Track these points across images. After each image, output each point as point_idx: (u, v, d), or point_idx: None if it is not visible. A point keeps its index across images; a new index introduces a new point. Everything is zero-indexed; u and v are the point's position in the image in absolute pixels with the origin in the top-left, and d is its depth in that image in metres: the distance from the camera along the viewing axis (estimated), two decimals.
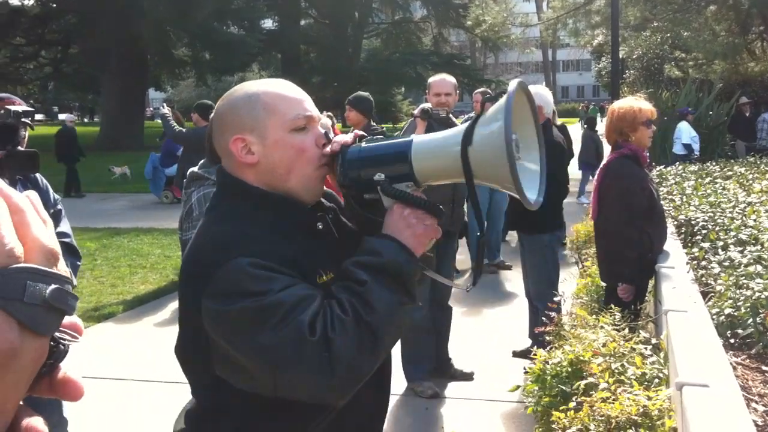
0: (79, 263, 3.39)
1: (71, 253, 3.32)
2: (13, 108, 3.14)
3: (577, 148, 12.67)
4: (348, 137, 1.63)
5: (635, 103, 4.28)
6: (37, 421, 0.54)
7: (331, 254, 1.60)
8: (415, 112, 4.88)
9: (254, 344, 1.43)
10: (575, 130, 17.99)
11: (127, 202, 15.20)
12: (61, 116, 16.36)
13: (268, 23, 40.19)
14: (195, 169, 3.05)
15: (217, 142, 1.67)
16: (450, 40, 46.54)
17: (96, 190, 16.57)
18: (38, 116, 54.00)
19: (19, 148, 3.11)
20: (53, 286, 0.51)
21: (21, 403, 0.54)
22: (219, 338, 1.49)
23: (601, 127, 11.85)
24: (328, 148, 1.61)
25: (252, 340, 1.43)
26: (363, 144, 1.59)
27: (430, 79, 5.15)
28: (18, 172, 3.26)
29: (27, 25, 31.61)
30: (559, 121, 7.37)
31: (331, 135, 1.66)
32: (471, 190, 1.56)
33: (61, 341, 0.55)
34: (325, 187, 1.73)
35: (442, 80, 5.03)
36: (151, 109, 44.44)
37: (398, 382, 5.00)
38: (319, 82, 41.12)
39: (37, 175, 3.44)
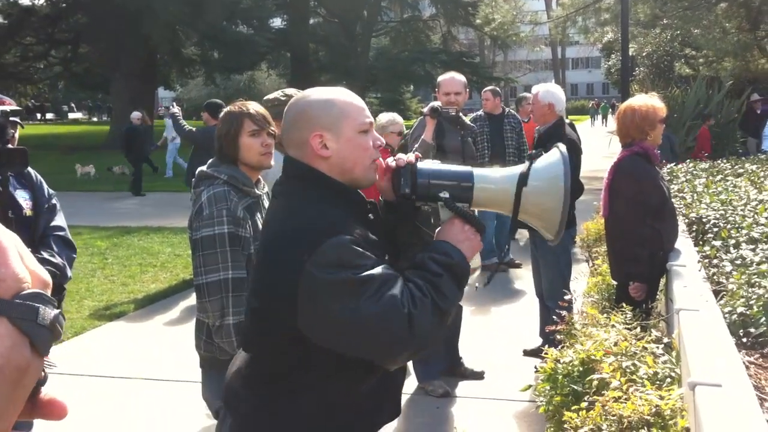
0: (74, 255, 3.44)
1: (67, 246, 3.37)
2: (1, 108, 3.17)
3: (587, 145, 12.60)
4: (411, 157, 1.95)
5: (651, 101, 4.27)
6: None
7: (384, 239, 1.94)
8: (425, 110, 4.87)
9: (353, 310, 1.72)
10: (585, 127, 17.92)
11: (137, 200, 15.23)
12: (134, 114, 16.11)
13: (277, 22, 40.23)
14: (204, 168, 3.05)
15: (292, 136, 1.93)
16: (459, 38, 46.44)
17: (105, 189, 16.62)
18: (48, 115, 54.31)
19: (9, 146, 3.15)
20: (56, 311, 0.55)
21: None
22: (317, 302, 1.74)
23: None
24: (391, 160, 1.95)
25: (349, 307, 1.72)
26: (429, 164, 1.94)
27: (440, 78, 5.14)
28: (9, 169, 3.29)
29: (37, 24, 31.74)
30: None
31: (381, 140, 1.97)
32: (514, 221, 1.95)
33: (44, 367, 0.58)
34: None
35: (452, 79, 5.02)
36: (161, 108, 44.54)
37: (409, 382, 4.99)
38: (328, 81, 41.11)
39: (31, 170, 3.48)
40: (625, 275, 4.26)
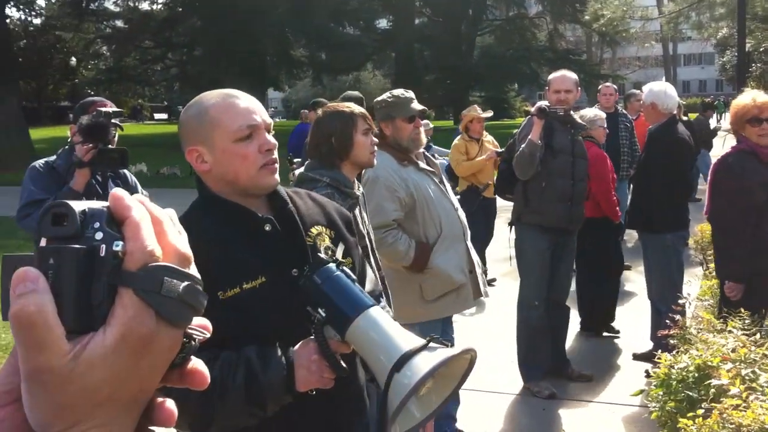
0: None
1: None
2: (104, 109, 3.37)
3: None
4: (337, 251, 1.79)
5: (747, 98, 4.12)
6: (170, 403, 0.62)
7: (272, 256, 1.76)
8: (532, 110, 4.83)
9: None
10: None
11: None
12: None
13: (382, 23, 40.60)
14: (302, 170, 3.10)
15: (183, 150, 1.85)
16: (566, 35, 45.61)
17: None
18: (163, 116, 56.69)
19: (110, 146, 3.35)
20: (186, 283, 0.58)
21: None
22: None
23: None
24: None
25: None
26: (339, 273, 1.58)
27: (550, 76, 5.08)
28: (108, 169, 3.49)
29: (155, 28, 33.20)
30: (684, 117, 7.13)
31: (272, 143, 1.80)
32: (384, 399, 1.49)
33: (193, 337, 0.61)
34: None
35: (563, 77, 4.95)
36: (271, 109, 45.69)
37: (514, 382, 4.98)
38: (433, 80, 41.16)
39: (126, 172, 3.67)
40: (722, 274, 4.13)
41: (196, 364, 0.63)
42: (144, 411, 0.60)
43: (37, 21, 46.81)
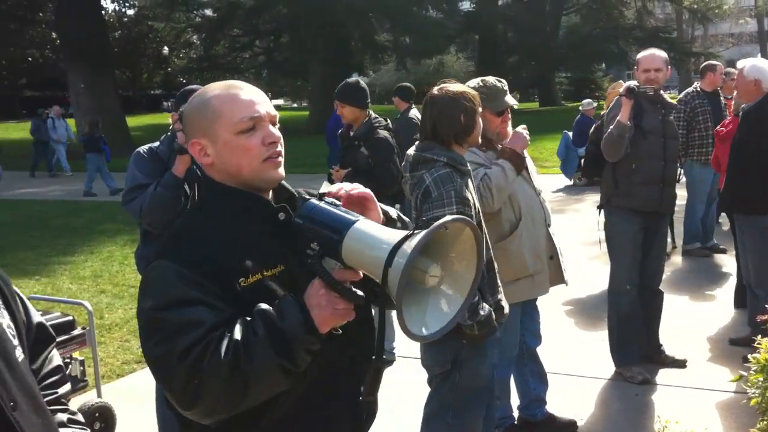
0: None
1: None
2: None
3: None
4: (332, 188, 1.70)
5: None
6: None
7: (289, 244, 1.67)
8: (621, 90, 4.74)
9: (145, 350, 1.62)
10: None
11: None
12: None
13: (465, 5, 40.21)
14: (414, 151, 3.16)
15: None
16: (654, 12, 44.10)
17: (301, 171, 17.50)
18: None
19: None
20: None
21: None
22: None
23: None
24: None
25: (144, 346, 1.61)
26: (320, 203, 1.61)
27: (639, 55, 4.97)
28: None
29: (243, 17, 33.82)
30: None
31: (275, 135, 1.72)
32: (381, 307, 1.58)
33: None
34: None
35: (652, 55, 4.84)
36: None
37: (606, 367, 4.93)
38: (516, 62, 40.59)
39: None
40: None
41: None
42: None
43: (130, 12, 48.59)
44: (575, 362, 5.12)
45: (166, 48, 46.15)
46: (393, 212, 1.84)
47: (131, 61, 47.56)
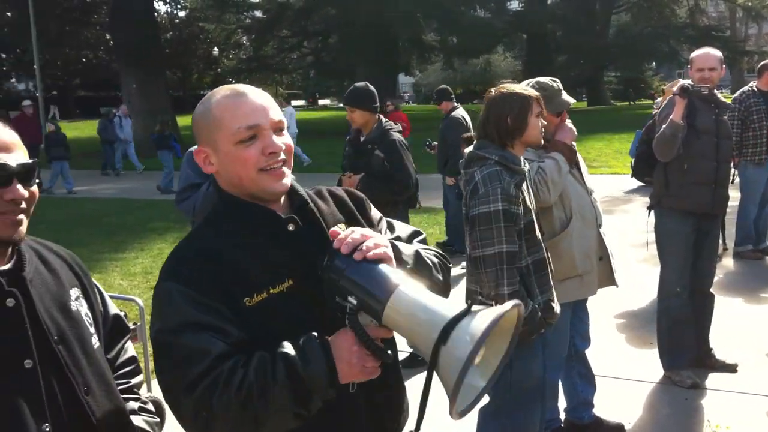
0: None
1: None
2: None
3: None
4: (351, 234, 1.56)
5: None
6: None
7: (298, 257, 1.63)
8: (674, 89, 4.67)
9: (157, 371, 1.58)
10: None
11: None
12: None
13: (514, 4, 39.94)
14: (471, 149, 3.20)
15: None
16: (707, 10, 43.25)
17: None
18: (301, 102, 58.37)
19: None
20: None
21: None
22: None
23: None
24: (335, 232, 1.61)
25: (157, 366, 1.58)
26: (355, 260, 1.51)
27: (693, 54, 4.90)
28: None
29: (292, 18, 34.12)
30: None
31: (276, 146, 1.63)
32: (429, 377, 1.43)
33: None
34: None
35: (706, 54, 4.76)
36: (404, 94, 45.99)
37: (655, 371, 4.87)
38: (564, 61, 40.15)
39: None
40: None
41: None
42: None
43: (181, 14, 49.42)
44: (623, 365, 5.06)
45: (216, 49, 46.77)
46: (407, 251, 1.72)
47: (182, 62, 48.31)
